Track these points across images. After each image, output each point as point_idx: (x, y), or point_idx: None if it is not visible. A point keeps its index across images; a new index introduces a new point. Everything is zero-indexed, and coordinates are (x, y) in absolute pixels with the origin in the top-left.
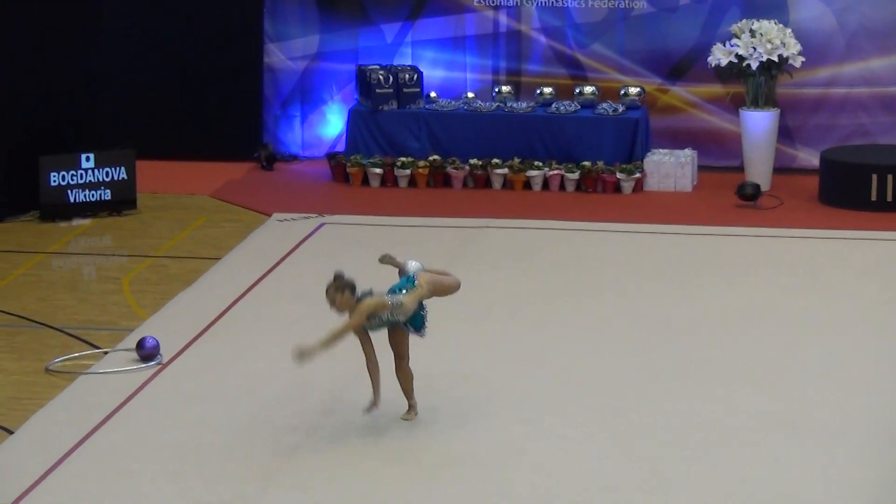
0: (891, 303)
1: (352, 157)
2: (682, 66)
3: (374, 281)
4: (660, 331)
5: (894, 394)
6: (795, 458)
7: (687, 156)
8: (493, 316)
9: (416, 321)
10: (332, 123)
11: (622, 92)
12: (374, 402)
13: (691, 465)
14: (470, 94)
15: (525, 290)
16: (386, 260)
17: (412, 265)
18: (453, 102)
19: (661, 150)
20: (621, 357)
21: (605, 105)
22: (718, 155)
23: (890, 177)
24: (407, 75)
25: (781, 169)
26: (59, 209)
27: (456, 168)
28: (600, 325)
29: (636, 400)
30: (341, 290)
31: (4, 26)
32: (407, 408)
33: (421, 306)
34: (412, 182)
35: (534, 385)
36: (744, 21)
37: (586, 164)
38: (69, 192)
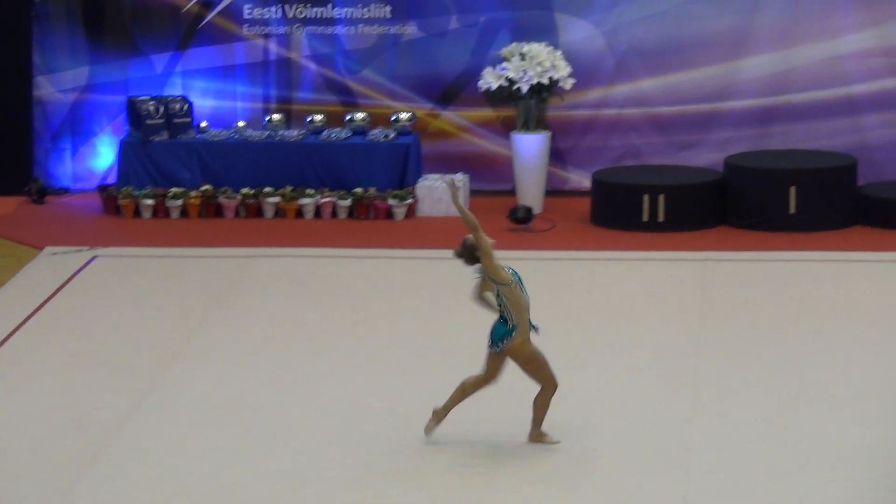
0: (666, 323)
1: (123, 189)
2: (453, 90)
3: (149, 316)
4: (437, 356)
5: (682, 412)
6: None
7: (459, 180)
8: (269, 345)
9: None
10: (104, 155)
11: (393, 118)
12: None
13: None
14: (241, 123)
15: (301, 318)
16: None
17: None
18: (224, 132)
19: (432, 175)
20: (401, 382)
21: (376, 131)
22: (490, 179)
23: (661, 197)
24: (177, 105)
25: (553, 191)
26: None
27: (228, 197)
28: (377, 351)
29: (417, 425)
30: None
31: None
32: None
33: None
34: (184, 213)
35: (313, 413)
36: (514, 44)
37: (358, 190)
38: None
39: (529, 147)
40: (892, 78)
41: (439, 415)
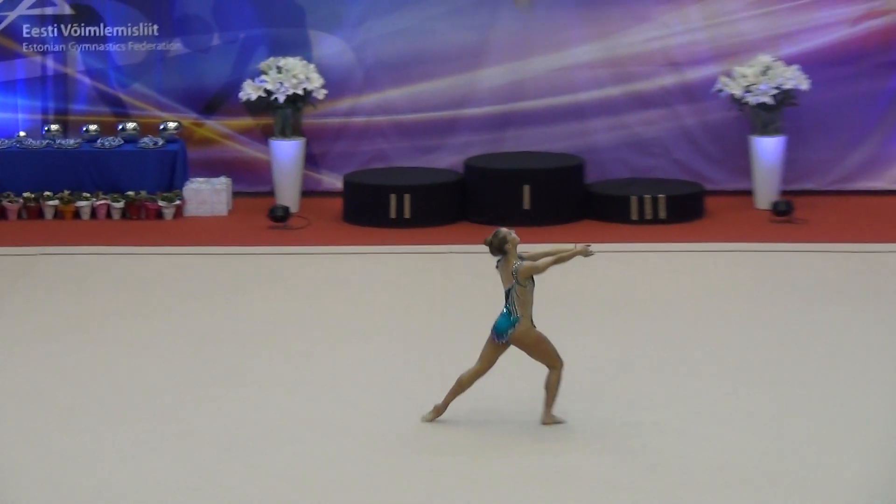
0: (411, 311)
1: None
2: (216, 101)
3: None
4: (205, 344)
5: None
6: (326, 451)
7: (222, 183)
8: (51, 337)
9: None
10: None
11: (161, 127)
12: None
13: (232, 463)
14: (22, 133)
15: (79, 312)
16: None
17: None
18: (6, 141)
19: (198, 179)
20: (171, 370)
21: (146, 139)
22: (251, 181)
23: (407, 196)
24: None
25: (309, 192)
26: None
27: (10, 201)
28: (150, 341)
29: (185, 407)
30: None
31: None
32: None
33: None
34: None
35: (95, 403)
36: (271, 58)
37: (130, 193)
38: None
39: (286, 152)
40: (616, 86)
41: (439, 409)
